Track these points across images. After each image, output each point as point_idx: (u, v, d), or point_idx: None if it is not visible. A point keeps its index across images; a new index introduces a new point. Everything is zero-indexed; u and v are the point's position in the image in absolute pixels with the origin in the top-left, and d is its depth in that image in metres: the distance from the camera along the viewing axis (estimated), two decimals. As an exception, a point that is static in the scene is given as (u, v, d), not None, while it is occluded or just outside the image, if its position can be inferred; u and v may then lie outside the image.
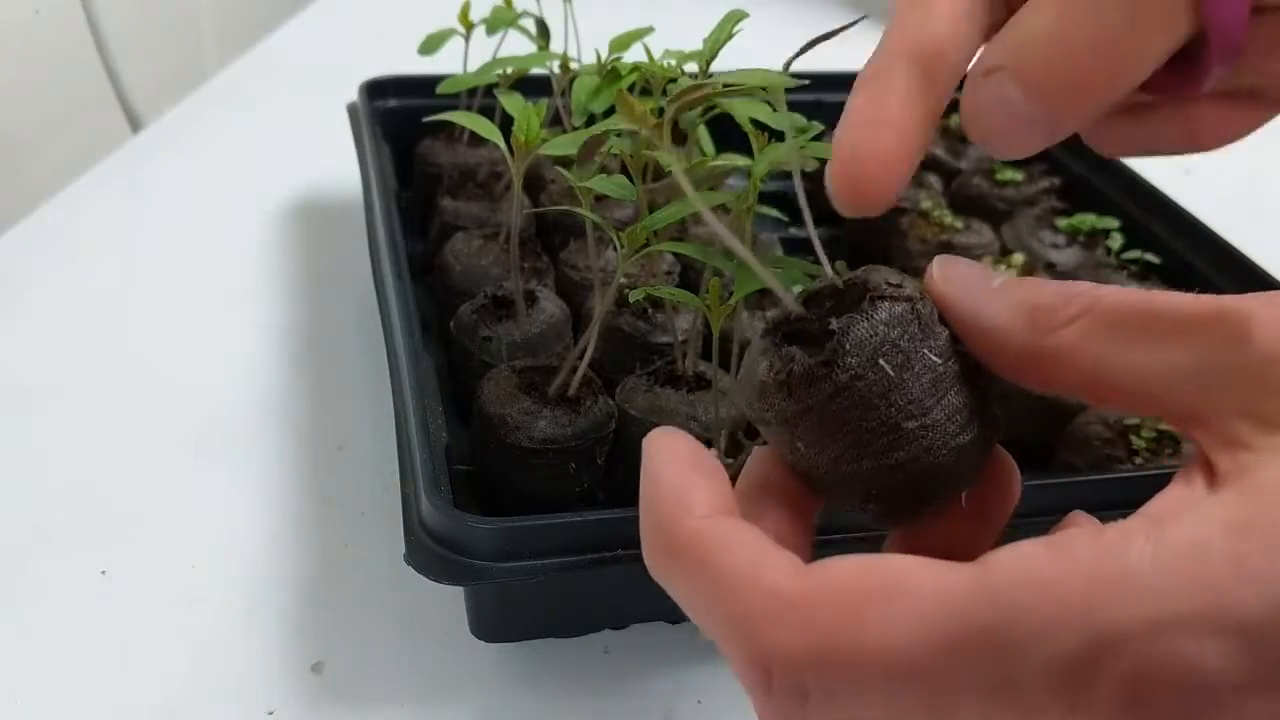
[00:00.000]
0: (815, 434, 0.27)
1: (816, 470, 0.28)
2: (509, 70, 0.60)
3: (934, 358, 0.26)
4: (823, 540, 0.32)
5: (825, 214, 0.30)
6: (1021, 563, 0.21)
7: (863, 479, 0.27)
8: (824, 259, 0.29)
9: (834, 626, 0.21)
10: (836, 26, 0.32)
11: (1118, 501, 0.45)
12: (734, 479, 0.45)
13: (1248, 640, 0.20)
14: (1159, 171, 0.71)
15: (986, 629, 0.21)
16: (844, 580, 0.22)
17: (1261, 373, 0.22)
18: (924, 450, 0.26)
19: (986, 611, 0.21)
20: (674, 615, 0.48)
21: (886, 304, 0.26)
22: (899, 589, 0.21)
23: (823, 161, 0.54)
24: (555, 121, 0.62)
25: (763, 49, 0.65)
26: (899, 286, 0.27)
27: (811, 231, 0.28)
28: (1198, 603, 0.20)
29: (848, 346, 0.26)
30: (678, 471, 0.26)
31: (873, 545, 0.28)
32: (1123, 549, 0.21)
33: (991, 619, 0.21)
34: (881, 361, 0.26)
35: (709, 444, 0.47)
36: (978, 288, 0.26)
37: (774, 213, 0.53)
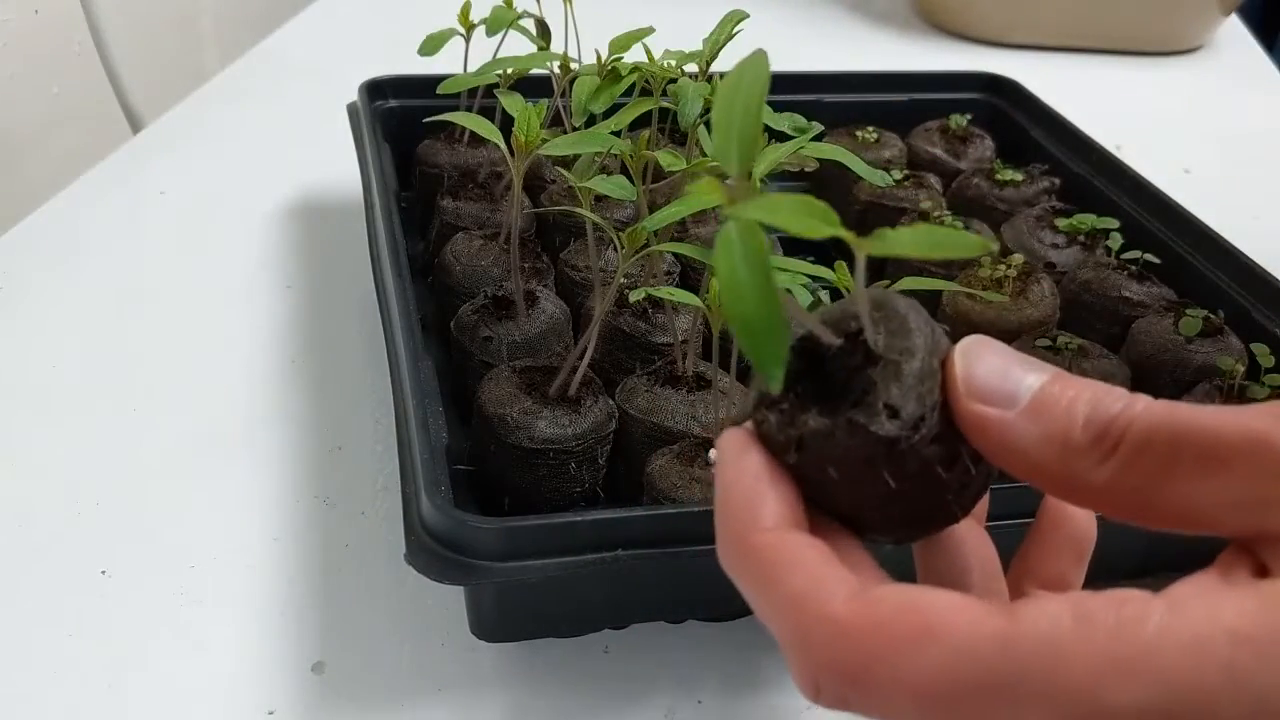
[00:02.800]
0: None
1: None
2: (509, 70, 0.60)
3: (892, 481, 0.27)
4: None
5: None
6: (1044, 625, 0.23)
7: (846, 519, 0.29)
8: (861, 290, 0.29)
9: (874, 658, 0.24)
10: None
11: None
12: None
13: None
14: (1159, 171, 0.71)
15: (1001, 683, 0.23)
16: (889, 616, 0.24)
17: None
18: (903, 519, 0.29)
19: (1003, 666, 0.23)
20: (674, 615, 0.48)
21: (871, 433, 0.27)
22: (934, 634, 0.24)
23: (822, 161, 0.54)
24: (555, 122, 0.62)
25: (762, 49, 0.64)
26: (894, 415, 0.27)
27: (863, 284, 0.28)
28: (1184, 702, 0.22)
29: (823, 452, 0.27)
30: (749, 481, 0.28)
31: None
32: (1135, 632, 0.23)
33: (1006, 675, 0.23)
34: (831, 470, 0.27)
35: (709, 444, 0.47)
36: (1005, 406, 0.27)
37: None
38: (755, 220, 0.26)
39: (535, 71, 0.62)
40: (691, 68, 0.57)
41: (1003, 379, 0.27)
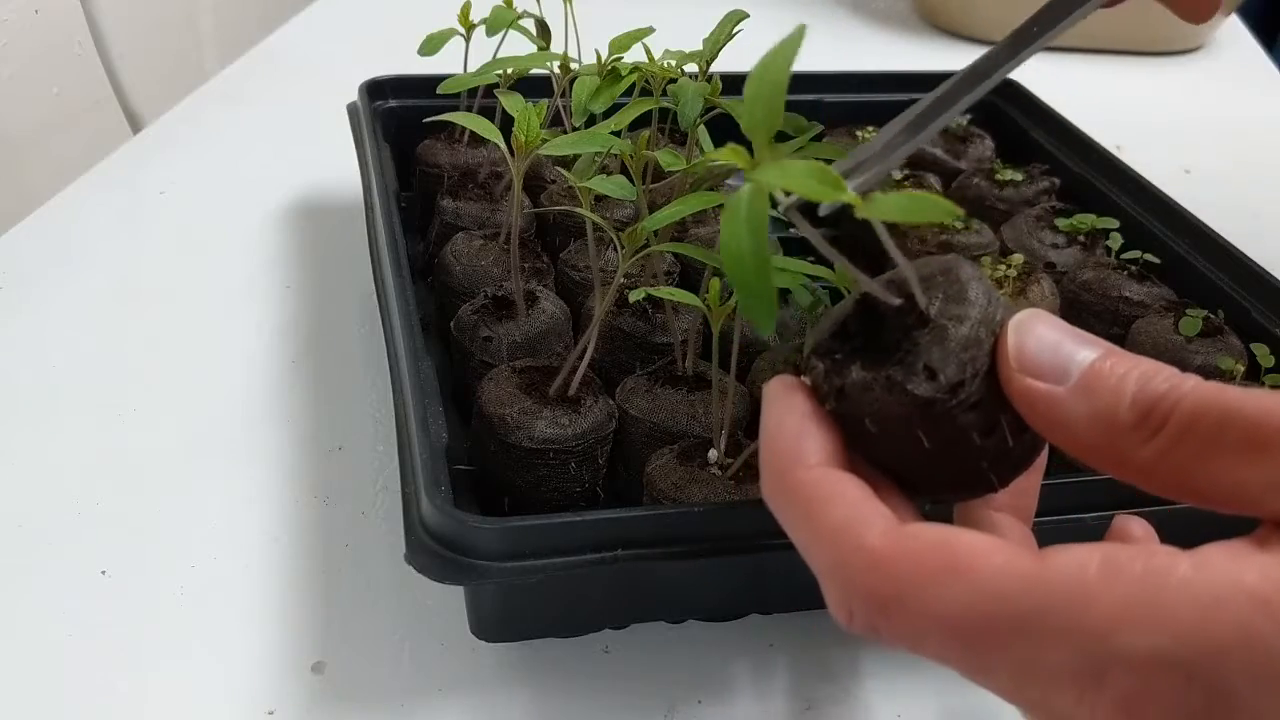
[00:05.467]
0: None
1: None
2: (509, 70, 0.60)
3: (926, 441, 0.28)
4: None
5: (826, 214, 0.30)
6: (1071, 569, 0.24)
7: (887, 469, 0.30)
8: (902, 262, 0.30)
9: (905, 588, 0.25)
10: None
11: (1119, 502, 0.45)
12: (735, 480, 0.46)
13: (1225, 697, 0.23)
14: (1159, 171, 0.71)
15: (1025, 619, 0.24)
16: (922, 550, 0.26)
17: None
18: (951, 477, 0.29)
19: (1027, 604, 0.24)
20: (674, 615, 0.48)
21: (907, 392, 0.28)
22: (964, 569, 0.25)
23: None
24: (555, 122, 0.62)
25: (763, 49, 0.65)
26: (932, 377, 0.27)
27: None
28: (1196, 654, 0.23)
29: (861, 404, 0.28)
30: (796, 420, 0.29)
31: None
32: (1158, 583, 0.24)
33: (1029, 612, 0.24)
34: (869, 423, 0.28)
35: (709, 445, 0.47)
36: (1056, 382, 0.27)
37: (774, 213, 0.53)
38: (767, 188, 0.29)
39: (535, 71, 0.62)
40: (691, 68, 0.57)
41: (1054, 354, 0.28)
